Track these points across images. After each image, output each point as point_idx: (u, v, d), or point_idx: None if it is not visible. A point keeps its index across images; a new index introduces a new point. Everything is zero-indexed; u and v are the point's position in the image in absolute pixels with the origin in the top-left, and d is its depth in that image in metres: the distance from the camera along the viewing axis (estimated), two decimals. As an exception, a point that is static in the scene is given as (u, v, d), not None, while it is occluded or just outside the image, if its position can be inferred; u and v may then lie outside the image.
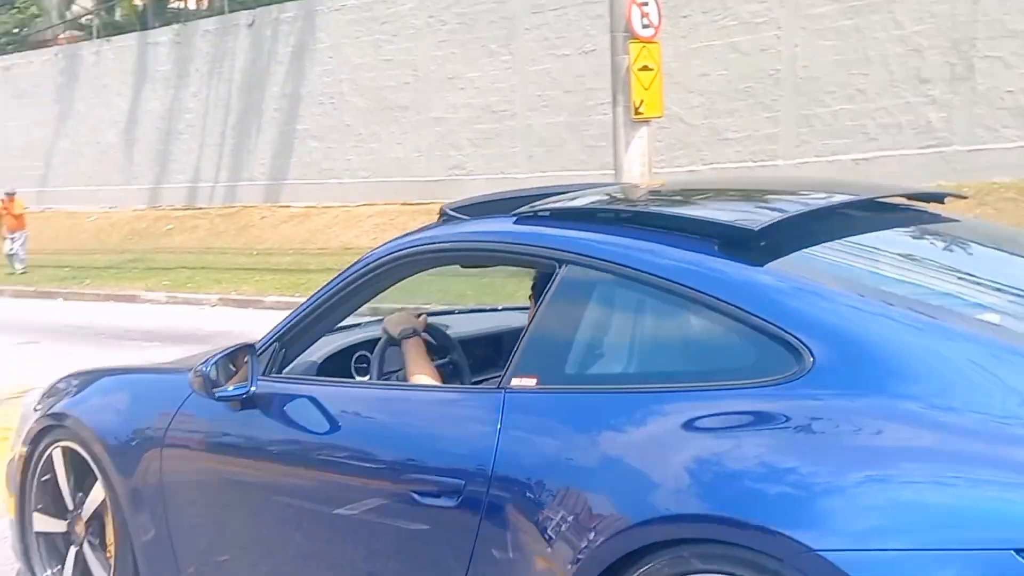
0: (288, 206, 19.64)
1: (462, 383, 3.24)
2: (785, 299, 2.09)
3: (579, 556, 2.00)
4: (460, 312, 4.21)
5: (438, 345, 3.32)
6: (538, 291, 2.64)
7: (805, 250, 2.32)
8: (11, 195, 19.10)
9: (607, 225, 2.48)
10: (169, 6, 27.26)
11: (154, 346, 11.03)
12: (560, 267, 2.40)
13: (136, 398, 3.23)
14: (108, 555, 3.16)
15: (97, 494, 3.17)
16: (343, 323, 3.19)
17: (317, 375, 3.12)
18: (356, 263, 2.85)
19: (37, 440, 3.35)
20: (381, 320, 3.25)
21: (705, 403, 2.05)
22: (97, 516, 3.20)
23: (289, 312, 3.06)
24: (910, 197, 2.88)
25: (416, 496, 2.34)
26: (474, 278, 9.35)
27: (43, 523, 3.38)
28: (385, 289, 2.87)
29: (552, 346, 2.38)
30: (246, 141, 20.92)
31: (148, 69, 22.86)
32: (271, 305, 13.96)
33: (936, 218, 2.80)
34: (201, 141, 21.81)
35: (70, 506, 3.31)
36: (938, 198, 2.89)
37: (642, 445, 2.04)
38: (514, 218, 2.64)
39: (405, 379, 2.95)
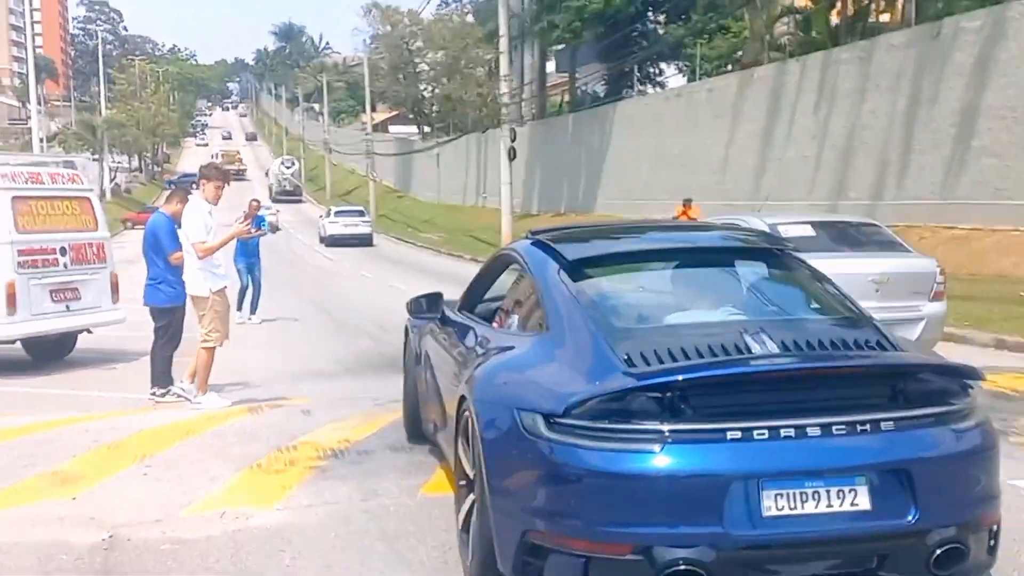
0: (953, 227, 18.52)
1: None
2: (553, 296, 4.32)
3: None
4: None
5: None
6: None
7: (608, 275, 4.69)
8: (688, 201, 21.20)
9: (543, 247, 4.73)
10: (867, 21, 27.39)
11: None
12: (510, 264, 5.32)
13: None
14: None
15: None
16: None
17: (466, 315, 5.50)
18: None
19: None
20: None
21: (510, 336, 4.61)
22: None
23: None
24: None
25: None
26: None
27: None
28: (497, 277, 5.59)
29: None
30: (918, 159, 20.19)
31: (831, 86, 23.28)
32: (904, 330, 13.43)
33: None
34: (873, 159, 21.59)
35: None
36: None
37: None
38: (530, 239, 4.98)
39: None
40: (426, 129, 74.72)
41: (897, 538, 3.51)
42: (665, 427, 3.42)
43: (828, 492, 3.46)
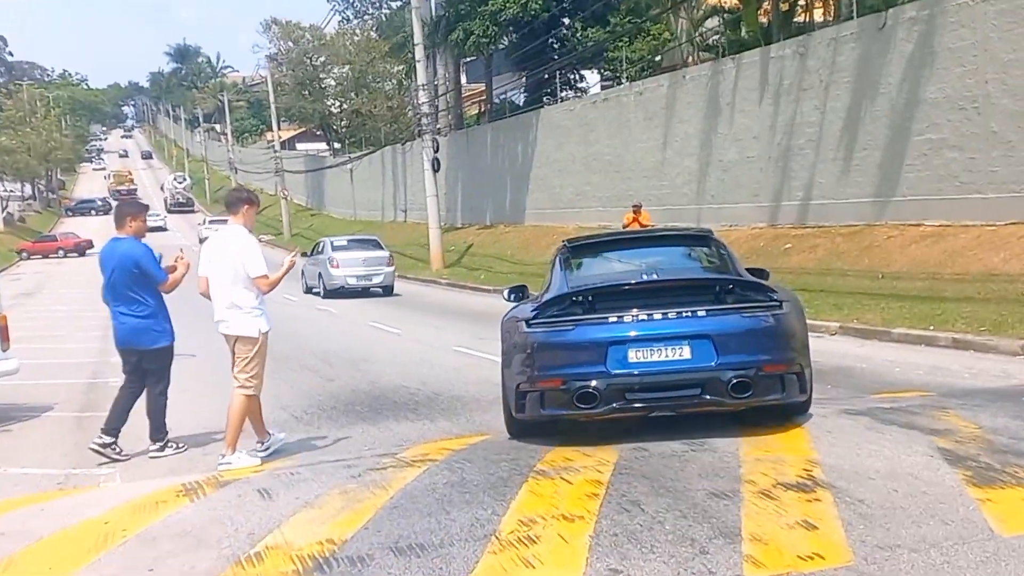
0: (920, 224, 17.65)
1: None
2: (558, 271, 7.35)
3: None
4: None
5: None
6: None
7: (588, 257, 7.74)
8: (638, 208, 20.24)
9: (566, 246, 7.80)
10: (794, 20, 26.69)
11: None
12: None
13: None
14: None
15: None
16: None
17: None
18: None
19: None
20: None
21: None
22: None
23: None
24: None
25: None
26: None
27: None
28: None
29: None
30: (871, 154, 19.34)
31: (769, 84, 22.40)
32: (899, 338, 12.35)
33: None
34: (821, 156, 20.72)
35: None
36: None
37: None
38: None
39: None
40: (336, 145, 72.81)
41: (707, 373, 6.27)
42: (576, 316, 6.49)
43: (664, 349, 6.33)
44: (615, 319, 6.36)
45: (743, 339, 6.33)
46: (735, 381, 6.21)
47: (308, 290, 26.40)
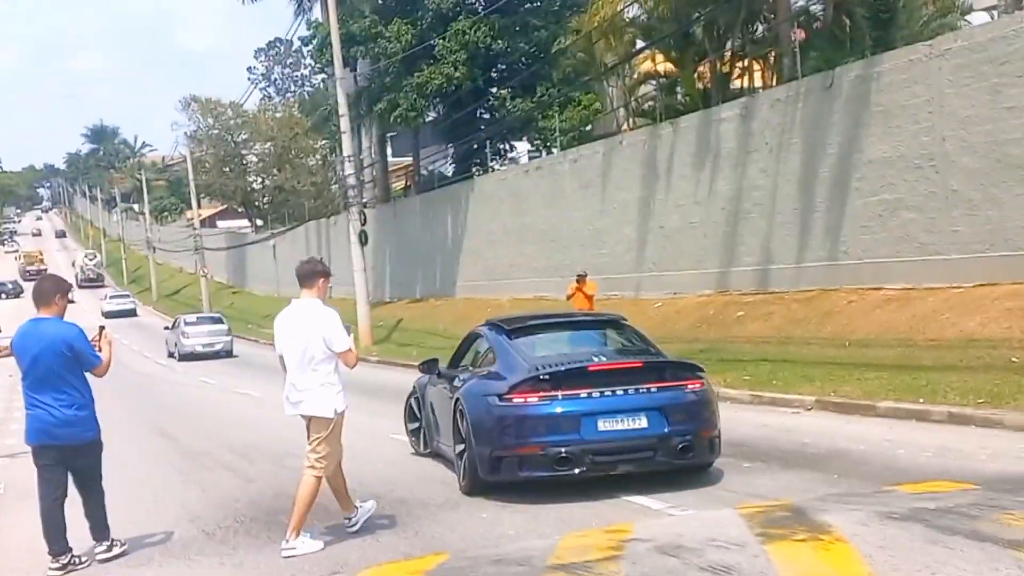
0: (879, 288, 16.75)
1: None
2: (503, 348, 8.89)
3: None
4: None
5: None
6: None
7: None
8: (583, 276, 19.21)
9: (493, 325, 9.49)
10: (730, 84, 26.19)
11: (756, 467, 8.83)
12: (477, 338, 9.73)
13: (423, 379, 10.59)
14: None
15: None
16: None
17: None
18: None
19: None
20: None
21: (479, 371, 9.12)
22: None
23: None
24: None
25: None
26: None
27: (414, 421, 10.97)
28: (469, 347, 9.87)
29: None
30: (824, 217, 18.52)
31: (712, 148, 21.62)
32: (885, 412, 11.20)
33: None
34: (771, 220, 19.87)
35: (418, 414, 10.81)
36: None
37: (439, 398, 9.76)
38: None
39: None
40: (259, 222, 71.02)
41: (660, 439, 7.91)
42: (551, 393, 7.87)
43: (626, 419, 7.89)
44: (586, 395, 7.77)
45: (686, 410, 8.09)
46: (681, 445, 7.92)
47: (170, 354, 33.17)
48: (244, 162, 69.55)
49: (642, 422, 7.82)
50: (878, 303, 16.04)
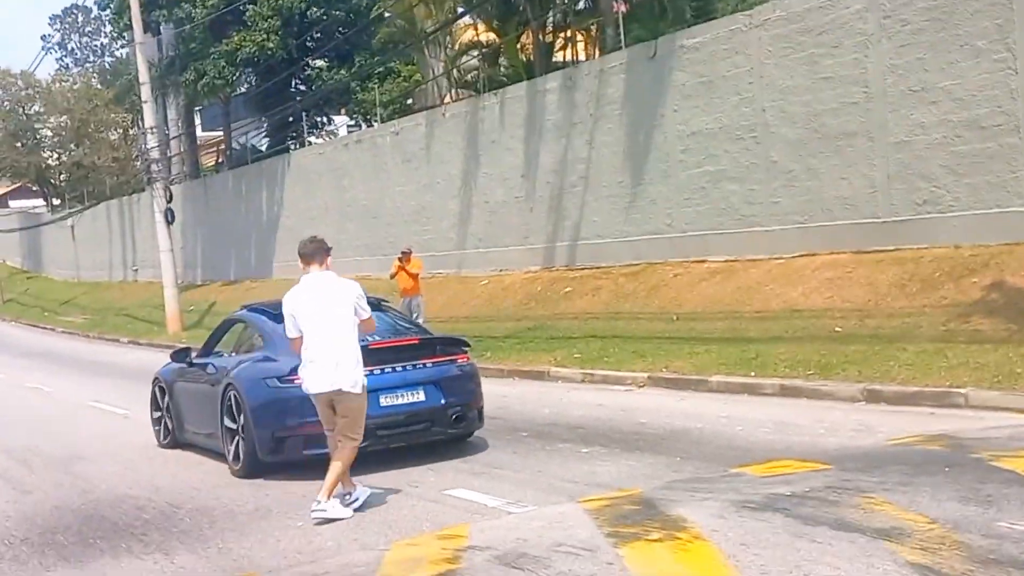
0: (703, 261, 16.73)
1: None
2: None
3: None
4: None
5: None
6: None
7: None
8: (407, 253, 18.39)
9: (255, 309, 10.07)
10: (554, 55, 25.83)
11: (595, 451, 8.30)
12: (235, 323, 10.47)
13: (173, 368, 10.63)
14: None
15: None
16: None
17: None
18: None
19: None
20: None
21: (246, 355, 9.37)
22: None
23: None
24: None
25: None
26: None
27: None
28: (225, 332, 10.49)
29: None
30: (648, 190, 18.38)
31: (537, 120, 21.17)
32: (718, 387, 10.99)
33: None
34: (597, 193, 19.60)
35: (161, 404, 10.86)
36: None
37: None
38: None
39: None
40: (55, 201, 66.17)
41: (436, 410, 8.52)
42: None
43: (406, 393, 8.42)
44: (367, 372, 7.19)
45: (458, 382, 8.76)
46: (455, 415, 8.61)
47: None
48: (38, 136, 64.62)
49: (420, 395, 8.44)
50: (703, 276, 15.98)
